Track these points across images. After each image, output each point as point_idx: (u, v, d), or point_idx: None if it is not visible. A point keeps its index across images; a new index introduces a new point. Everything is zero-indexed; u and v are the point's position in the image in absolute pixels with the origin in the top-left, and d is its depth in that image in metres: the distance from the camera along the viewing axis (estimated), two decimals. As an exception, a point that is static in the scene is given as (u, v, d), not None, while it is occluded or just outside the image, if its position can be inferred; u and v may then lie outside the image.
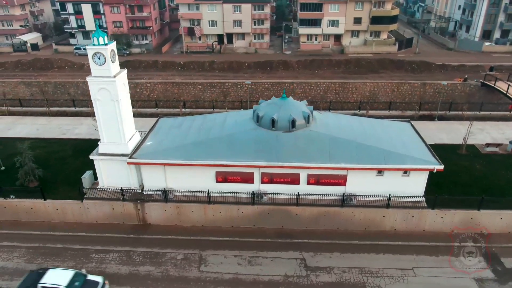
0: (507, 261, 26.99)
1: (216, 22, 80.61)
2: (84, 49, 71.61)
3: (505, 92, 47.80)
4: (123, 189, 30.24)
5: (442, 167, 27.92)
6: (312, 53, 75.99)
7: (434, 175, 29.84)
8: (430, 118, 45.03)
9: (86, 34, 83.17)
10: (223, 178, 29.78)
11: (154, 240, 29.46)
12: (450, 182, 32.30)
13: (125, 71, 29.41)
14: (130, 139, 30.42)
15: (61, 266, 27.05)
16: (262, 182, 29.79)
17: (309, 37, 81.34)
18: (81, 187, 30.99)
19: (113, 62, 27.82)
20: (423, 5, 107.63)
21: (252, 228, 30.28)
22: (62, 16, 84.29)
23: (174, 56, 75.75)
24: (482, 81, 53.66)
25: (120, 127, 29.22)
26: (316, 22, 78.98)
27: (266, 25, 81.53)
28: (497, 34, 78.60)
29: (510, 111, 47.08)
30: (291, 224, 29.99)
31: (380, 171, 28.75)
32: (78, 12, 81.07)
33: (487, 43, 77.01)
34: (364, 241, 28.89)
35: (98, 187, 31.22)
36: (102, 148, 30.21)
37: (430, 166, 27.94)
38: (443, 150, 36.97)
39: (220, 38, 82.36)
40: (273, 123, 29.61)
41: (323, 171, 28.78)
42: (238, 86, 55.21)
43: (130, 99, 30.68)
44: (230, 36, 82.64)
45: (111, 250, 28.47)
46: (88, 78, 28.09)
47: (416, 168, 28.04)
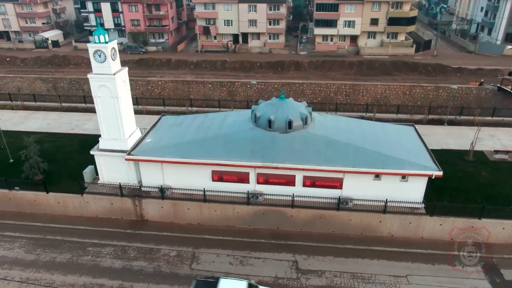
0: (507, 272, 26.03)
1: (231, 21, 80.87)
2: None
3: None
4: (122, 185, 30.76)
5: (441, 173, 27.10)
6: (327, 54, 75.27)
7: (437, 181, 29.00)
8: (439, 122, 43.79)
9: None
10: (219, 177, 29.84)
11: (150, 236, 29.85)
12: (453, 189, 31.29)
13: (125, 69, 29.84)
14: (130, 136, 30.88)
15: (58, 257, 27.84)
16: (258, 183, 29.70)
17: (324, 37, 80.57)
18: (81, 182, 31.72)
19: (113, 60, 28.28)
20: (445, 6, 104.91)
21: (247, 228, 30.26)
22: (82, 14, 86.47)
23: (189, 54, 76.42)
24: (499, 85, 51.96)
25: (119, 124, 29.73)
26: (332, 23, 78.21)
27: (282, 25, 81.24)
28: (520, 37, 75.83)
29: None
30: (286, 225, 29.80)
31: (377, 175, 28.21)
32: (97, 10, 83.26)
33: (509, 47, 74.25)
34: (359, 245, 28.43)
35: (99, 182, 31.87)
36: (102, 144, 30.82)
37: (428, 172, 27.14)
38: (449, 155, 36.07)
39: (235, 37, 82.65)
40: (270, 124, 29.49)
41: (319, 174, 28.45)
42: (248, 86, 55.25)
43: (131, 97, 31.16)
44: (245, 35, 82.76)
45: (108, 244, 29.01)
46: (89, 75, 28.71)
47: (413, 173, 27.31)
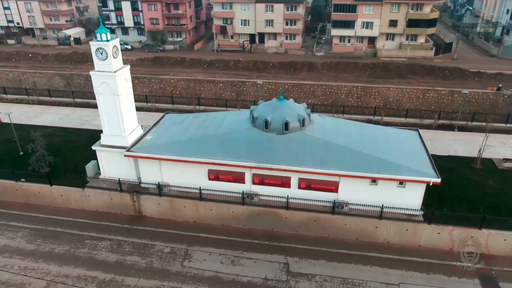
0: (506, 286, 25.07)
1: (248, 21, 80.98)
2: (121, 44, 74.70)
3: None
4: (122, 180, 31.35)
5: (439, 180, 26.30)
6: (344, 55, 74.26)
7: (439, 189, 28.29)
8: (449, 128, 42.47)
9: (125, 30, 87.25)
10: (215, 176, 29.99)
11: (146, 231, 30.33)
12: (455, 197, 30.33)
13: (127, 67, 30.37)
14: (130, 133, 31.43)
15: (56, 249, 28.69)
16: (253, 183, 29.68)
17: (342, 39, 79.43)
18: (84, 176, 32.52)
19: (115, 58, 28.86)
20: (471, 8, 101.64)
21: (242, 228, 30.31)
22: (104, 12, 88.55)
23: (204, 54, 76.99)
24: (518, 91, 49.99)
25: (120, 121, 30.31)
26: (349, 24, 76.96)
27: (299, 25, 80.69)
28: (547, 42, 72.77)
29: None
30: (281, 227, 29.66)
31: (374, 180, 27.68)
32: (118, 9, 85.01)
33: (535, 51, 71.41)
34: (353, 250, 28.01)
35: (100, 177, 32.61)
36: (104, 139, 31.51)
37: (426, 178, 26.39)
38: (456, 162, 35.03)
39: (252, 37, 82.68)
40: (266, 125, 29.39)
41: (315, 176, 28.17)
42: (258, 85, 55.19)
43: (132, 94, 31.73)
44: (262, 35, 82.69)
45: (105, 238, 29.69)
46: (91, 72, 29.39)
47: (410, 179, 26.63)
